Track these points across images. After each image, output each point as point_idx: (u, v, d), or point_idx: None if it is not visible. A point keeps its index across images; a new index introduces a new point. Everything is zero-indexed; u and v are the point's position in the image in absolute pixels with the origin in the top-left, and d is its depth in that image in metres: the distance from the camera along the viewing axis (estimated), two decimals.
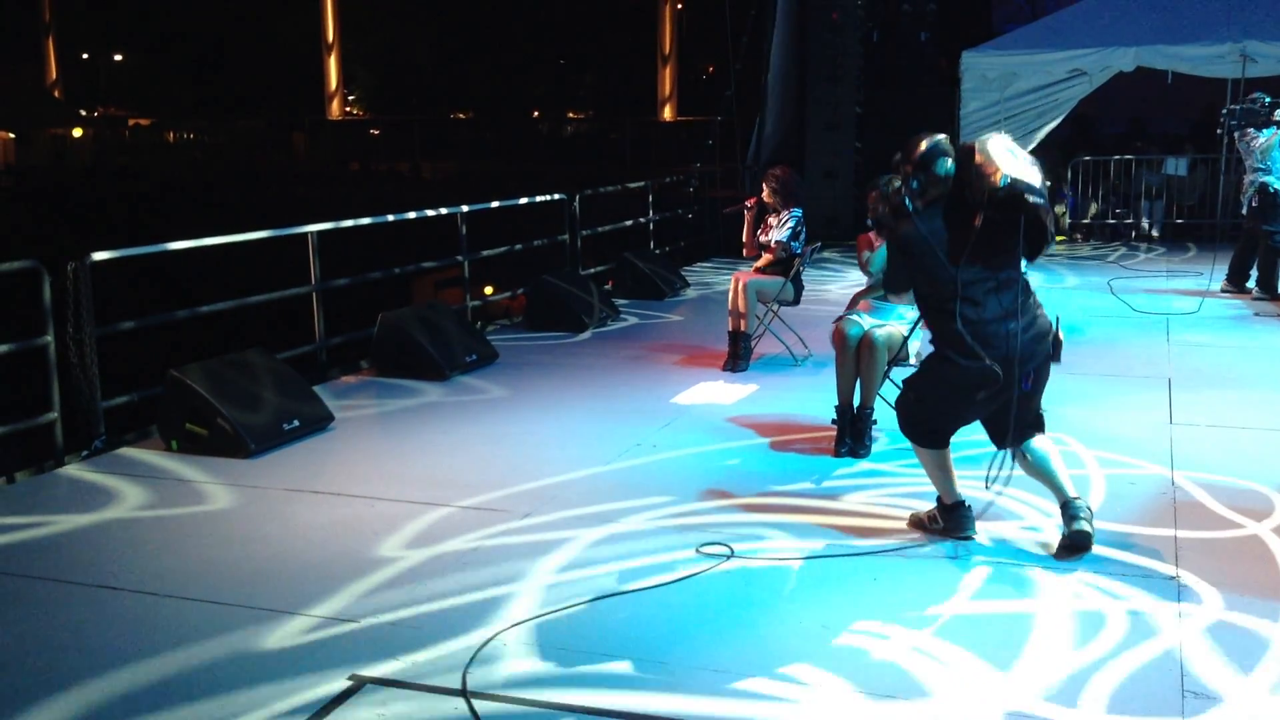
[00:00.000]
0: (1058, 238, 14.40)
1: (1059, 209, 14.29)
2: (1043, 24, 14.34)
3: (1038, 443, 4.34)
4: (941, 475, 4.39)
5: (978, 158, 4.00)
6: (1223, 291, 10.24)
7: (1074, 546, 4.20)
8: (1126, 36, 12.96)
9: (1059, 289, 10.62)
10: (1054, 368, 7.23)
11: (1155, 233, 14.80)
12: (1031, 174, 3.99)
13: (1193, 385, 6.82)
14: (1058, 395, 6.61)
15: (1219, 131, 10.51)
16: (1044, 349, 4.22)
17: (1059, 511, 4.31)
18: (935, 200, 4.18)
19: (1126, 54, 12.86)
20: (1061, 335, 4.34)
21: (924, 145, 4.19)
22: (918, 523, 4.50)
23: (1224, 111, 9.83)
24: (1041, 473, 4.34)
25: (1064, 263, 12.65)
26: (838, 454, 5.53)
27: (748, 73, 14.54)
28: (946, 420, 4.34)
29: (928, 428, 4.35)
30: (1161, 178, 14.80)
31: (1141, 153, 15.04)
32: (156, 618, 3.83)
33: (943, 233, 4.14)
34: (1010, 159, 3.99)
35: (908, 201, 4.21)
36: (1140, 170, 14.87)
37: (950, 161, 4.14)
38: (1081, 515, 4.23)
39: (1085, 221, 15.02)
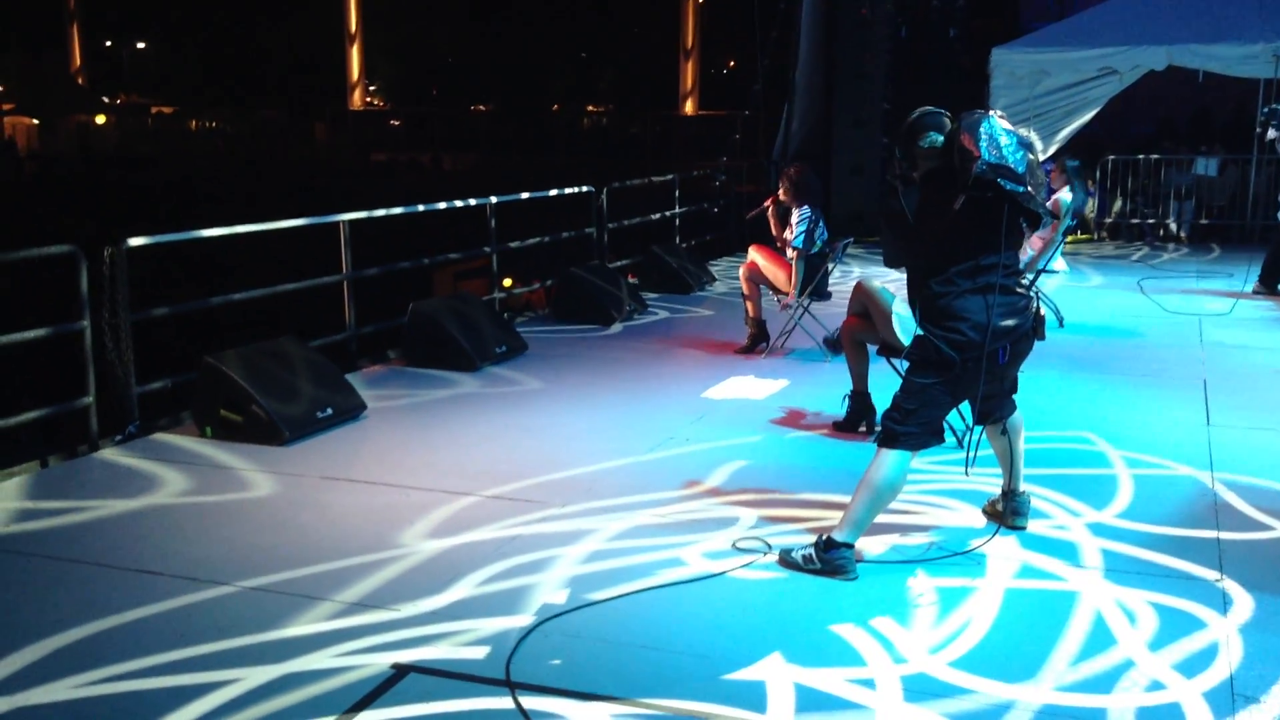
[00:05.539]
0: (1083, 235, 14.31)
1: (1088, 206, 14.19)
2: (1073, 21, 14.25)
3: (1013, 423, 4.39)
4: (872, 509, 4.01)
5: (963, 138, 3.89)
6: (1254, 293, 10.16)
7: (1005, 526, 4.42)
8: (1158, 35, 12.88)
9: (1086, 288, 10.55)
10: (1086, 368, 7.25)
11: (1183, 234, 14.68)
12: (1014, 159, 3.85)
13: (1229, 387, 6.76)
14: (1092, 396, 6.59)
15: (1257, 130, 10.42)
16: (1023, 325, 4.09)
17: (1001, 497, 4.50)
18: (931, 174, 4.08)
19: (1158, 53, 12.78)
20: (1043, 312, 4.43)
21: (911, 117, 4.12)
22: (791, 564, 4.10)
23: (1264, 110, 9.73)
24: (1009, 453, 4.40)
25: (1090, 262, 12.57)
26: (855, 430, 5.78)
27: (775, 67, 14.48)
28: (946, 407, 4.12)
29: (935, 425, 4.08)
30: (1191, 178, 14.68)
31: (1170, 152, 14.93)
32: (197, 603, 3.83)
33: (929, 208, 4.04)
34: (993, 142, 3.85)
35: (891, 178, 4.18)
36: (1169, 170, 14.75)
37: (937, 135, 4.02)
38: (1025, 513, 4.47)
39: (1111, 220, 14.92)
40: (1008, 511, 4.48)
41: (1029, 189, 3.89)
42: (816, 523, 4.53)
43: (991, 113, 3.96)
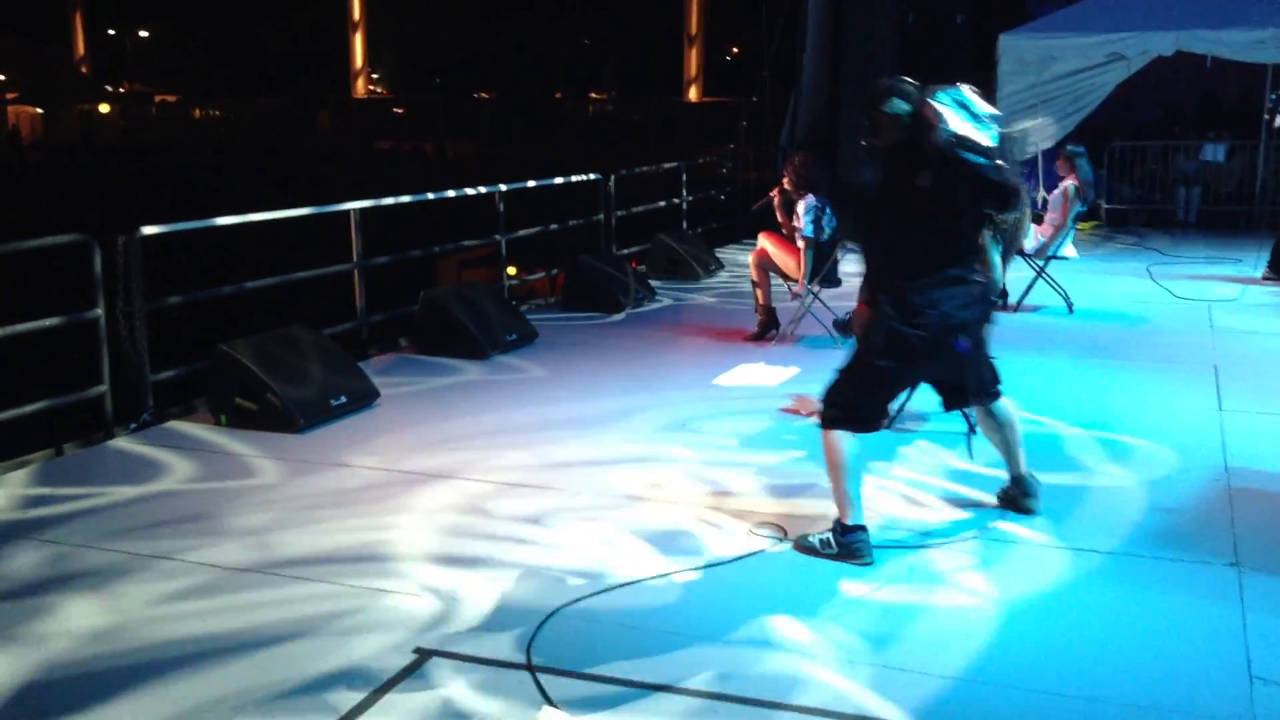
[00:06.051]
0: (1091, 222, 14.28)
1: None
2: (1081, 7, 14.20)
3: (1005, 414, 4.35)
4: (852, 484, 4.00)
5: (926, 109, 3.76)
6: (1264, 279, 10.14)
7: (1018, 510, 4.43)
8: (1166, 20, 12.84)
9: (1095, 274, 10.54)
10: (1096, 354, 7.25)
11: (1191, 219, 14.65)
12: (981, 131, 3.74)
13: (1241, 373, 6.76)
14: (1103, 381, 6.59)
15: (1265, 117, 10.40)
16: (977, 313, 4.03)
17: (1011, 483, 4.47)
18: (894, 149, 3.93)
19: (1166, 38, 12.75)
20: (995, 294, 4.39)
21: (879, 83, 3.99)
22: (808, 549, 4.09)
23: (1273, 97, 9.71)
24: (1005, 442, 4.38)
25: (1099, 248, 12.55)
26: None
27: (782, 53, 14.44)
28: (886, 393, 4.10)
29: (870, 408, 4.05)
30: (1198, 164, 14.64)
31: (1178, 139, 14.89)
32: (216, 589, 3.86)
33: (892, 187, 3.93)
34: (958, 115, 3.73)
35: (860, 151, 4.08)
36: (1177, 156, 14.72)
37: (901, 102, 3.87)
38: (1035, 494, 4.43)
39: (1119, 207, 14.89)
40: (1018, 495, 4.49)
41: (996, 163, 3.76)
42: (830, 509, 4.53)
43: (960, 85, 3.84)
